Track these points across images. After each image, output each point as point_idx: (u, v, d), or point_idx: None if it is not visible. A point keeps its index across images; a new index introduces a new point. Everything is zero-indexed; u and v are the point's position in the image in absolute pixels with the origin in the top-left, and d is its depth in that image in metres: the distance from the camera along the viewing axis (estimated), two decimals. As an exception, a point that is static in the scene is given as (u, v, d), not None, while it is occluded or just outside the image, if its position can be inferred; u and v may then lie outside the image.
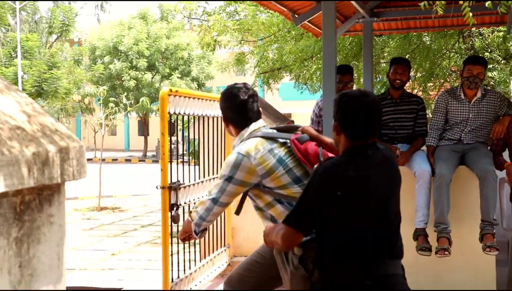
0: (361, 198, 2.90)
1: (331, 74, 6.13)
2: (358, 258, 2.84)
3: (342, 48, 11.15)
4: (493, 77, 10.38)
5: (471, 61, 5.99)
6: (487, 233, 5.53)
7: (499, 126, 5.80)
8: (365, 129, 2.98)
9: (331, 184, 2.89)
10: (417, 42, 11.01)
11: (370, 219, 2.90)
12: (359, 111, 2.98)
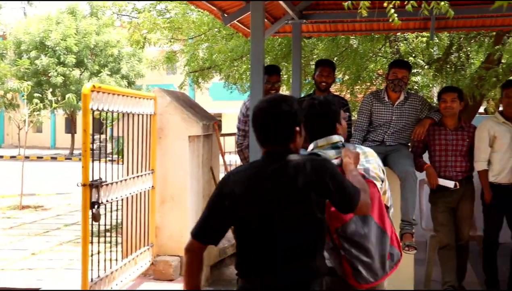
0: (246, 210, 2.81)
1: (259, 75, 6.15)
2: (254, 273, 2.80)
3: (271, 49, 11.20)
4: (417, 82, 10.64)
5: (396, 64, 6.15)
6: (407, 233, 5.67)
7: (420, 128, 5.98)
8: (260, 135, 2.90)
9: (221, 194, 2.86)
10: (345, 45, 11.17)
11: (260, 232, 2.79)
12: (254, 116, 2.90)
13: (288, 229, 2.76)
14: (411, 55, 11.02)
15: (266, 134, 2.85)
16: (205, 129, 6.12)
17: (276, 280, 2.73)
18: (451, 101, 5.87)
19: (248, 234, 2.82)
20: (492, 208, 5.87)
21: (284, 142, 2.84)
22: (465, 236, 5.97)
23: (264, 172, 2.80)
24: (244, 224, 2.82)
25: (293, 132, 2.83)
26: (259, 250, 2.79)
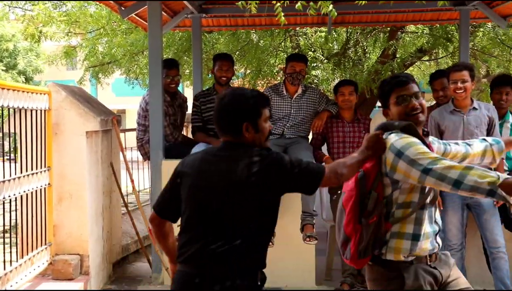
0: (192, 192, 2.91)
1: (158, 69, 6.12)
2: (192, 258, 2.84)
3: (172, 43, 11.13)
4: (317, 76, 10.83)
5: (294, 58, 6.24)
6: (307, 224, 5.78)
7: (318, 121, 6.09)
8: (215, 126, 3.04)
9: (175, 172, 3.01)
10: (246, 39, 11.23)
11: (200, 219, 2.86)
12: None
13: (229, 218, 2.82)
14: (311, 50, 11.21)
15: (215, 122, 3.01)
16: (103, 125, 5.99)
17: (212, 269, 2.78)
18: (348, 94, 6.00)
19: (189, 216, 2.90)
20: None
21: (231, 134, 2.94)
22: (363, 225, 6.12)
23: (214, 158, 2.92)
24: (188, 205, 2.91)
25: (237, 126, 2.90)
26: (199, 236, 2.84)
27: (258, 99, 2.97)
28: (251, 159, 2.83)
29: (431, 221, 3.14)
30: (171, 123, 6.44)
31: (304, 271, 6.07)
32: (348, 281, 5.91)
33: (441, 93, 5.81)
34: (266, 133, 2.98)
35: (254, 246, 2.83)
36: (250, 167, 2.81)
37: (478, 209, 5.34)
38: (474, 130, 5.32)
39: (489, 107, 5.48)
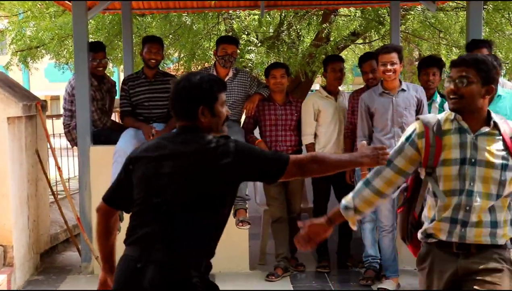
0: (143, 177, 2.82)
1: (83, 52, 5.96)
2: (138, 242, 2.75)
3: (102, 26, 10.85)
4: (251, 59, 10.76)
5: (225, 40, 6.16)
6: (240, 208, 5.73)
7: (249, 104, 6.04)
8: (171, 111, 2.97)
9: (128, 159, 2.92)
10: (178, 23, 11.06)
11: (151, 204, 2.78)
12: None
13: (178, 205, 2.74)
14: (244, 33, 11.11)
15: (171, 107, 2.93)
16: (27, 110, 5.78)
17: (156, 255, 2.69)
18: (280, 77, 5.97)
19: (141, 202, 2.80)
20: (319, 180, 6.00)
21: (187, 118, 2.85)
22: (296, 208, 6.12)
23: (168, 143, 2.83)
24: (139, 190, 2.82)
25: (193, 110, 2.82)
26: (149, 221, 2.75)
27: (215, 83, 2.90)
28: (205, 146, 2.76)
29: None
30: (99, 108, 6.26)
31: (238, 256, 6.04)
32: (282, 265, 5.91)
33: (370, 76, 5.82)
34: (223, 118, 2.91)
35: (202, 234, 2.75)
36: (204, 154, 2.75)
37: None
38: (403, 112, 5.36)
39: (417, 88, 5.54)
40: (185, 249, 2.70)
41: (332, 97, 6.06)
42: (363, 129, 5.52)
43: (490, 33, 10.38)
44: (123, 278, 2.75)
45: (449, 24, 11.02)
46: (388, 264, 5.54)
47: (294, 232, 6.01)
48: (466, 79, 2.93)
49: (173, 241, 2.69)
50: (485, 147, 2.95)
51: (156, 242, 2.70)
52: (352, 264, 6.17)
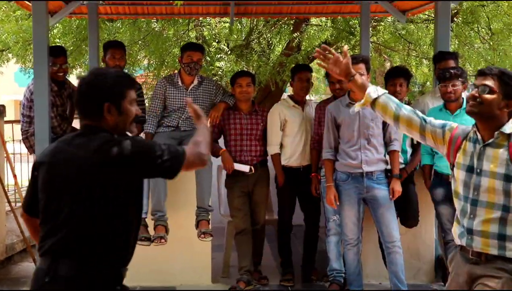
0: (44, 182, 2.71)
1: (43, 57, 5.77)
2: (46, 253, 2.63)
3: (69, 31, 10.66)
4: (220, 67, 10.66)
5: (191, 47, 6.03)
6: (202, 220, 5.64)
7: (214, 112, 5.92)
8: (76, 109, 2.84)
9: (33, 165, 2.81)
10: (148, 29, 10.92)
11: (45, 211, 2.67)
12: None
13: (80, 210, 2.60)
14: (215, 41, 11.02)
15: (75, 104, 2.82)
16: (-18, 116, 5.58)
17: (62, 267, 2.57)
18: (246, 85, 5.86)
19: (45, 208, 2.69)
20: (285, 191, 5.95)
21: (92, 116, 2.71)
22: (260, 220, 6.01)
23: (66, 146, 2.71)
24: (43, 197, 2.70)
25: (98, 107, 2.68)
26: (54, 229, 2.63)
27: (122, 79, 2.76)
28: (99, 146, 2.62)
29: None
30: (59, 114, 6.08)
31: (200, 268, 5.92)
32: (245, 279, 5.78)
33: (337, 86, 5.72)
34: (131, 116, 2.76)
35: (107, 243, 2.62)
36: (96, 154, 2.60)
37: (375, 203, 5.31)
38: (370, 123, 5.28)
39: None
40: (91, 261, 2.58)
41: (299, 107, 5.96)
42: (329, 141, 5.42)
43: (459, 45, 10.43)
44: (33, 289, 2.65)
45: (419, 36, 11.06)
46: (353, 278, 5.43)
47: (257, 244, 6.00)
48: (488, 88, 3.03)
49: (78, 253, 2.56)
50: (491, 157, 3.02)
51: (61, 254, 2.57)
52: (317, 277, 6.06)
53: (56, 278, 2.55)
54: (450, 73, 5.23)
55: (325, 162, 5.44)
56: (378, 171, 5.29)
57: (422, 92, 13.36)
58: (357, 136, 5.28)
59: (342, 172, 5.34)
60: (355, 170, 5.27)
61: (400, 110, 3.27)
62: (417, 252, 5.99)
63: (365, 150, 5.27)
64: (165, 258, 5.80)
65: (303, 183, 5.88)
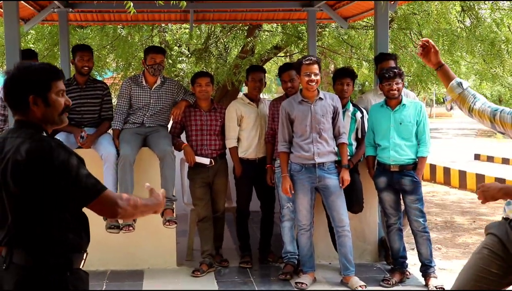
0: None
1: (15, 60, 5.44)
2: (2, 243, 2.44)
3: (42, 36, 10.32)
4: (182, 69, 10.50)
5: (153, 50, 5.85)
6: (167, 208, 5.44)
7: (176, 110, 5.75)
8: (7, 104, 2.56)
9: None
10: (115, 34, 10.63)
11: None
12: None
13: (12, 206, 2.37)
14: (176, 45, 10.82)
15: (5, 99, 2.50)
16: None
17: (12, 256, 2.40)
18: (205, 85, 5.67)
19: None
20: (242, 181, 5.79)
21: (20, 110, 2.44)
22: (220, 207, 5.85)
23: (3, 142, 2.43)
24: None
25: (24, 100, 2.41)
26: (2, 222, 2.42)
27: (47, 71, 2.48)
28: (22, 145, 2.36)
29: None
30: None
31: (166, 252, 5.72)
32: (207, 262, 5.61)
33: (289, 85, 5.58)
34: (59, 107, 2.48)
35: (44, 232, 2.38)
36: (17, 154, 2.34)
37: (326, 192, 5.19)
38: (321, 119, 5.14)
39: (334, 97, 5.33)
40: (39, 250, 2.38)
41: (254, 104, 5.80)
42: (283, 135, 5.27)
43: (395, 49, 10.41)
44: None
45: (359, 41, 11.05)
46: (305, 260, 5.30)
47: (218, 230, 5.82)
48: None
49: (27, 244, 2.37)
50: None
51: (14, 245, 2.38)
52: (273, 259, 5.90)
53: (11, 266, 2.37)
54: (394, 72, 5.12)
55: (280, 154, 5.29)
56: (329, 162, 5.17)
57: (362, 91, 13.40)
58: (309, 130, 5.14)
59: (296, 163, 5.19)
60: (308, 161, 5.14)
61: (474, 103, 3.15)
62: (362, 234, 5.89)
63: (316, 143, 5.13)
64: (133, 244, 5.58)
65: (259, 174, 5.73)
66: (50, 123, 2.48)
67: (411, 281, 5.33)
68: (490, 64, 9.77)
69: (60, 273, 2.39)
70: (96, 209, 2.42)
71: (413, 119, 5.18)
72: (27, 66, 2.46)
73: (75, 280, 2.44)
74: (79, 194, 2.37)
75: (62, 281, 2.39)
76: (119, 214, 2.45)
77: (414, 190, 5.15)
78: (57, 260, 2.39)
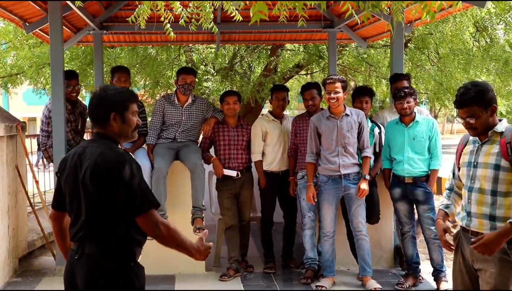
0: (64, 185, 2.93)
1: (59, 79, 5.96)
2: (74, 238, 2.88)
3: (76, 56, 10.86)
4: (208, 87, 10.89)
5: (184, 71, 6.24)
6: (197, 217, 5.80)
7: (206, 126, 6.12)
8: (90, 118, 3.02)
9: (57, 168, 3.01)
10: (144, 54, 11.11)
11: (70, 205, 2.90)
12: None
13: (87, 205, 2.80)
14: (202, 64, 11.25)
15: (89, 114, 2.97)
16: (8, 131, 5.76)
17: (84, 248, 2.82)
18: (233, 103, 6.06)
19: (68, 203, 2.90)
20: (266, 192, 6.15)
21: (100, 124, 2.90)
22: (246, 217, 6.20)
23: (81, 150, 2.88)
24: (65, 194, 2.92)
25: (105, 116, 2.87)
26: (76, 219, 2.85)
27: (126, 94, 2.95)
28: (102, 153, 2.80)
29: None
30: (73, 129, 6.26)
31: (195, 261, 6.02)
32: (234, 267, 5.97)
33: (310, 102, 5.97)
34: (133, 125, 2.95)
35: (113, 227, 2.80)
36: (97, 160, 2.78)
37: (350, 199, 5.55)
38: (346, 134, 5.50)
39: (359, 113, 5.64)
40: (109, 243, 2.79)
41: (278, 121, 6.19)
42: (311, 147, 5.65)
43: (412, 67, 10.73)
44: (67, 267, 2.90)
45: (378, 59, 11.35)
46: (327, 265, 5.65)
47: (244, 238, 6.18)
48: (474, 116, 3.26)
49: (98, 237, 2.79)
50: (485, 152, 3.30)
51: (86, 238, 2.80)
52: (294, 265, 6.26)
53: (83, 256, 2.80)
54: (404, 92, 5.48)
55: (307, 164, 5.66)
56: (353, 173, 5.53)
57: (382, 107, 13.68)
58: (335, 144, 5.51)
59: (323, 175, 5.57)
60: (334, 173, 5.51)
61: (448, 206, 3.63)
62: (379, 242, 6.22)
63: (342, 156, 5.49)
64: (165, 250, 5.81)
65: (282, 185, 6.10)
66: (124, 137, 2.95)
67: (424, 285, 5.67)
68: (505, 82, 10.05)
69: (125, 264, 2.82)
70: (141, 223, 2.79)
71: (426, 135, 5.53)
72: (111, 88, 2.94)
73: (137, 270, 2.88)
74: (132, 205, 2.77)
75: (127, 271, 2.82)
76: (156, 237, 2.82)
77: (427, 200, 5.50)
78: (123, 253, 2.83)
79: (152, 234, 2.82)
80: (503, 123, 3.33)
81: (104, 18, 7.86)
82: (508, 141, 3.23)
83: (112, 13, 7.77)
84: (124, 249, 2.84)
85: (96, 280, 2.78)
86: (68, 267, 2.90)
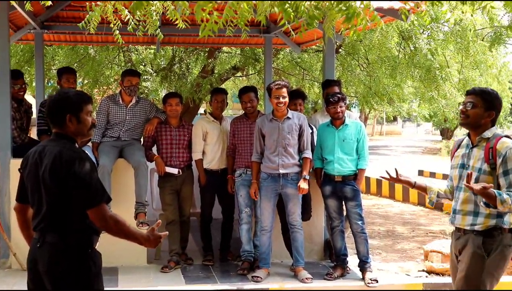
0: (26, 180, 3.21)
1: (5, 80, 6.05)
2: (35, 228, 3.17)
3: (14, 54, 10.78)
4: (147, 87, 11.05)
5: (130, 73, 6.47)
6: (140, 212, 6.05)
7: (149, 126, 6.37)
8: (48, 119, 3.28)
9: (21, 163, 3.28)
10: (84, 53, 11.16)
11: (32, 198, 3.18)
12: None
13: (40, 200, 3.11)
14: (142, 64, 11.40)
15: (47, 115, 3.24)
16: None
17: (44, 236, 3.09)
18: (175, 104, 6.31)
19: (30, 197, 3.20)
20: (206, 189, 6.44)
21: (58, 125, 3.15)
22: (186, 212, 6.47)
23: (41, 148, 3.14)
24: (27, 189, 3.21)
25: (62, 118, 3.12)
26: (36, 212, 3.15)
27: (80, 96, 3.24)
28: (60, 152, 3.06)
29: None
30: (18, 126, 6.38)
31: (137, 252, 6.13)
32: (174, 259, 6.23)
33: (248, 105, 6.27)
34: (88, 124, 3.22)
35: (71, 218, 3.07)
36: (56, 158, 3.04)
37: (287, 197, 5.91)
38: (287, 135, 5.85)
39: (300, 116, 6.00)
40: (68, 232, 3.08)
41: (217, 122, 6.47)
42: (256, 147, 5.98)
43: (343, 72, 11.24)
44: (29, 255, 3.19)
45: (311, 64, 11.80)
46: (263, 257, 5.99)
47: (184, 232, 6.45)
48: (472, 103, 3.61)
49: (58, 227, 3.08)
50: (474, 155, 3.67)
51: (47, 229, 3.09)
52: (232, 258, 6.58)
53: (44, 244, 3.09)
54: (338, 97, 5.87)
55: (252, 163, 6.01)
56: (292, 173, 5.89)
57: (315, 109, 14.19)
58: (276, 145, 5.86)
59: (264, 172, 5.93)
60: (274, 171, 5.87)
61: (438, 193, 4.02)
62: (310, 236, 6.58)
63: (282, 156, 5.85)
64: (108, 243, 6.02)
65: (221, 183, 6.40)
66: (81, 136, 3.24)
67: (351, 275, 6.11)
68: (428, 87, 10.71)
69: (83, 250, 3.11)
70: (91, 216, 3.05)
71: (354, 137, 5.96)
72: (66, 92, 3.23)
73: (94, 256, 3.17)
74: (85, 199, 3.04)
75: (85, 256, 3.11)
76: (106, 229, 3.07)
77: (354, 197, 5.95)
78: (81, 241, 3.12)
79: (101, 227, 3.09)
80: (492, 130, 3.70)
81: (45, 18, 7.94)
82: (491, 147, 3.61)
83: (54, 12, 7.83)
84: (82, 237, 3.11)
85: (57, 266, 3.06)
86: (31, 254, 3.18)
